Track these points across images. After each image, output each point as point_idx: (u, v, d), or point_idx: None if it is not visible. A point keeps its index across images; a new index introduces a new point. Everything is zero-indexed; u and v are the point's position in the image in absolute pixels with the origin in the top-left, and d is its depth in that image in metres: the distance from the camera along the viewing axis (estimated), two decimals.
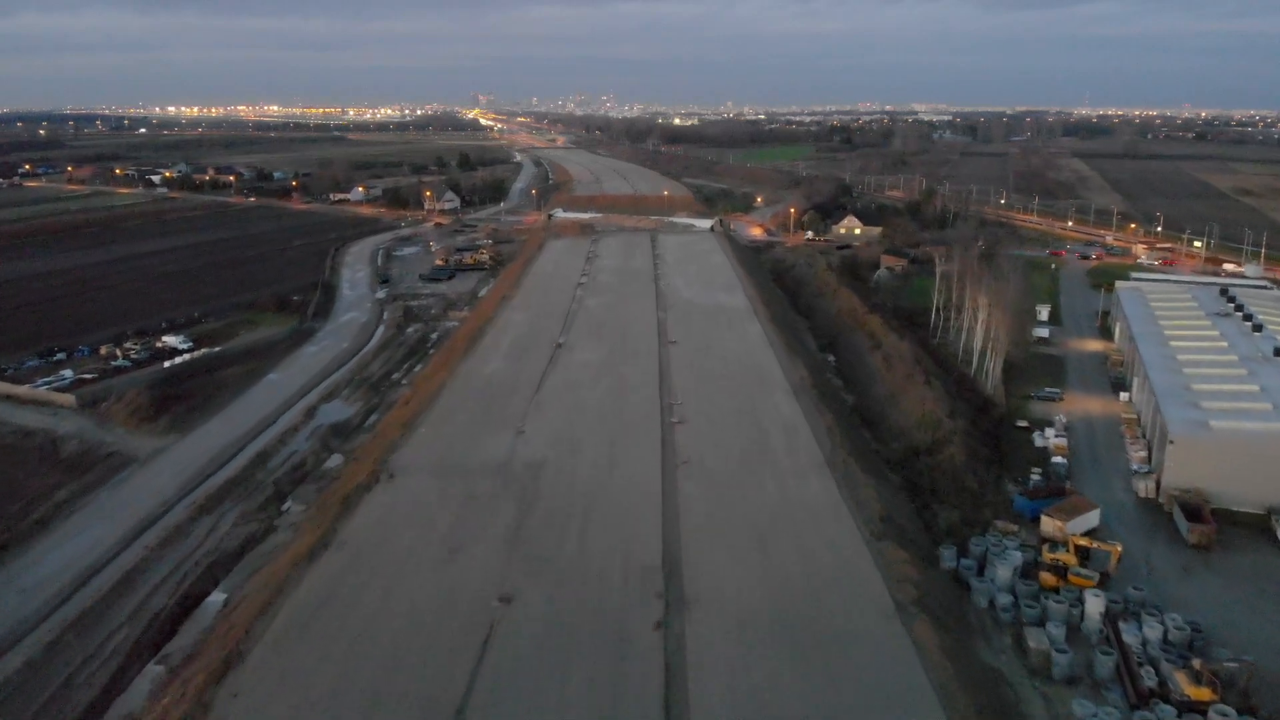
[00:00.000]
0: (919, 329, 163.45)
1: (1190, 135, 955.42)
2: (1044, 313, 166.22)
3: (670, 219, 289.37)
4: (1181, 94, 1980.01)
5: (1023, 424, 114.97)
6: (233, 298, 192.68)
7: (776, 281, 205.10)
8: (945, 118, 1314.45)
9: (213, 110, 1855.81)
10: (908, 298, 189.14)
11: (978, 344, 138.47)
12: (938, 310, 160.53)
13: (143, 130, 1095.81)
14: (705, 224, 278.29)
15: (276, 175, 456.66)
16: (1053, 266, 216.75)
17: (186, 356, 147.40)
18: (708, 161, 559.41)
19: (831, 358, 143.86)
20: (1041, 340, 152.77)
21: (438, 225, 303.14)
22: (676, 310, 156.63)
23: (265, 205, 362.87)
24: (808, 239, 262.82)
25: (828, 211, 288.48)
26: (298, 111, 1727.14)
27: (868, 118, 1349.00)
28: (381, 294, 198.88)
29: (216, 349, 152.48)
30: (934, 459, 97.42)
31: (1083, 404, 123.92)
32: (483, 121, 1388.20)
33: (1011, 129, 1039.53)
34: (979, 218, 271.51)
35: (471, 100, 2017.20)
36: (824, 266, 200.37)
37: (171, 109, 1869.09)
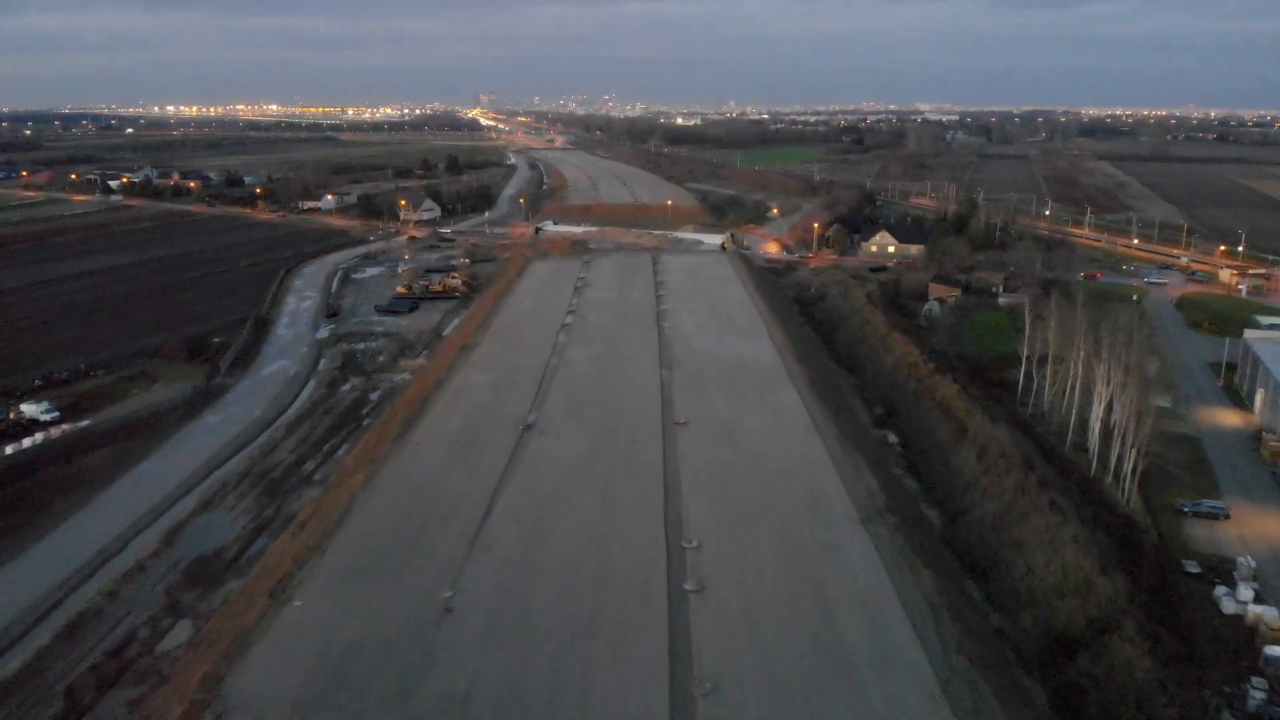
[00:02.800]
0: (996, 388, 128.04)
1: (1211, 136, 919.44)
2: (1152, 367, 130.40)
3: (675, 234, 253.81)
4: (1185, 94, 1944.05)
5: (1192, 568, 79.44)
6: (141, 339, 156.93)
7: (804, 316, 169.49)
8: (952, 117, 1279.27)
9: (211, 110, 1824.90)
10: (970, 340, 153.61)
11: (1092, 419, 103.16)
12: (1026, 367, 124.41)
13: (130, 130, 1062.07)
14: (714, 240, 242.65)
15: (247, 180, 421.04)
16: (1134, 298, 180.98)
17: (39, 436, 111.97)
18: (713, 164, 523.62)
19: (892, 436, 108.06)
20: (1162, 411, 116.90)
21: (411, 239, 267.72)
22: (686, 368, 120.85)
23: (226, 215, 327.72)
24: (834, 259, 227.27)
25: (854, 225, 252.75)
26: (296, 111, 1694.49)
27: (875, 118, 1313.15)
28: (324, 333, 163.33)
29: (84, 422, 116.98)
30: (1097, 660, 61.77)
31: (1256, 525, 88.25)
32: (482, 121, 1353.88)
33: (1025, 129, 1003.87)
34: (1032, 234, 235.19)
35: (473, 100, 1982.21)
36: (864, 299, 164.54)
37: (170, 108, 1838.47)
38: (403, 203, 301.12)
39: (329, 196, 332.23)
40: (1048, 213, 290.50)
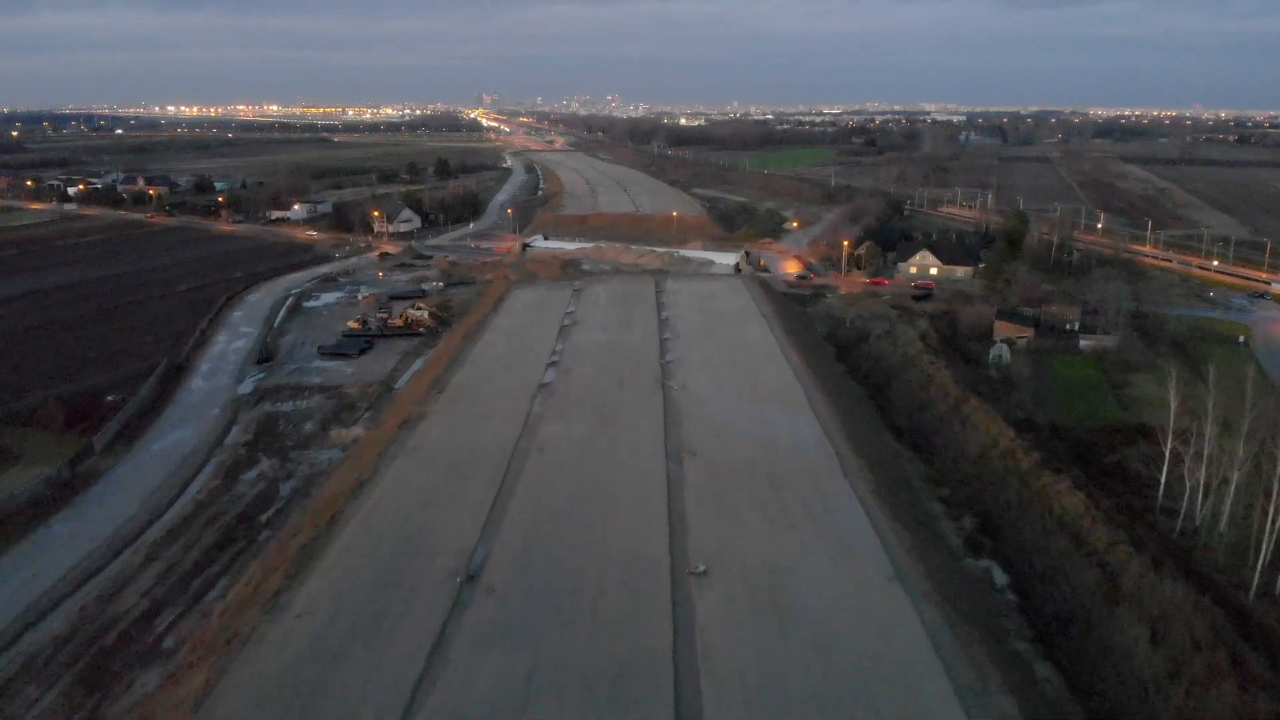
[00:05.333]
0: (1112, 479, 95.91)
1: (1232, 138, 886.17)
2: None
3: (681, 251, 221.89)
4: (1191, 94, 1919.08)
5: None
6: (20, 398, 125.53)
7: (843, 359, 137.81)
8: (960, 118, 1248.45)
9: (213, 110, 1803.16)
10: (1055, 399, 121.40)
11: None
12: (1170, 455, 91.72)
13: (119, 131, 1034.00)
14: (727, 260, 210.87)
15: (218, 185, 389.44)
16: (1241, 339, 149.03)
17: None
18: (720, 168, 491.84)
19: (998, 573, 76.01)
20: None
21: (382, 255, 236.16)
22: (702, 461, 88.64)
23: (186, 226, 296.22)
24: (867, 282, 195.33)
25: (887, 241, 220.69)
26: (297, 111, 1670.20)
27: (882, 118, 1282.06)
28: (249, 386, 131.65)
29: None
30: None
31: None
32: (483, 122, 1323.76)
33: (1040, 130, 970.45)
34: (1097, 255, 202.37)
35: (476, 100, 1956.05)
36: (918, 343, 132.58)
37: (171, 109, 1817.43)
38: (376, 213, 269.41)
39: (295, 206, 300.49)
40: (1100, 226, 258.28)
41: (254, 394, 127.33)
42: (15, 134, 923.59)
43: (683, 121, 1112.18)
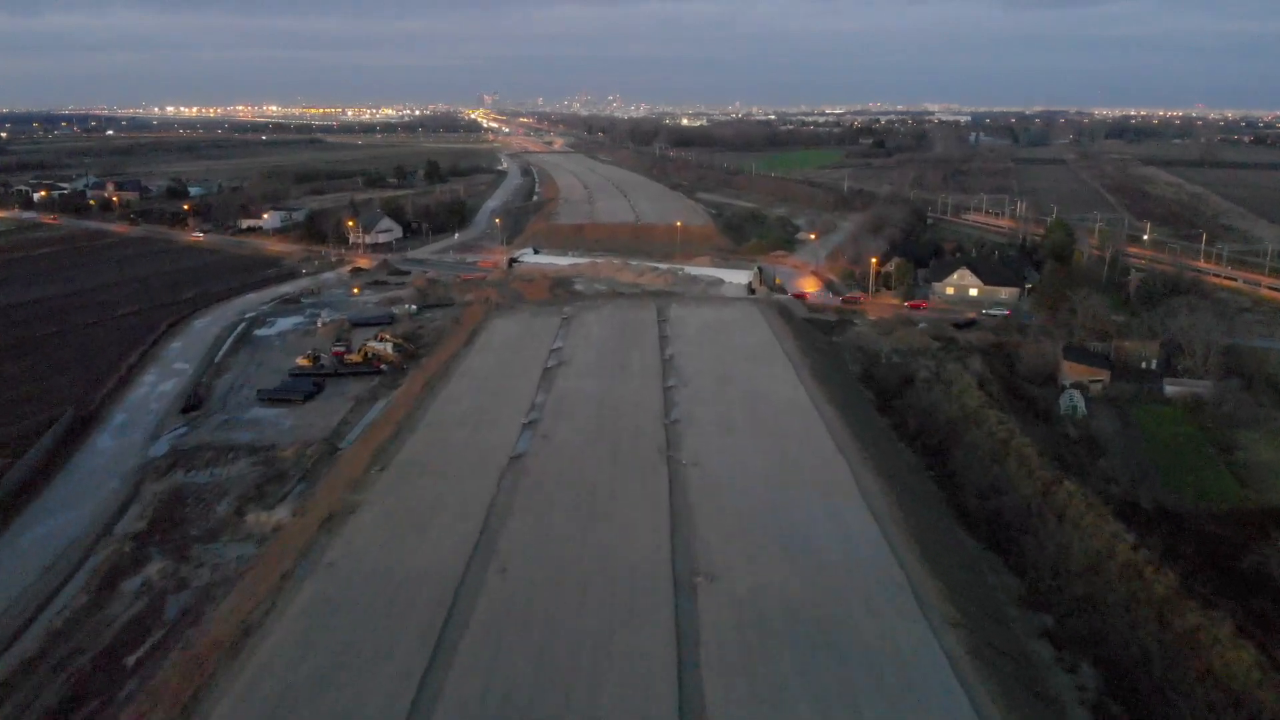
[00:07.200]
0: (1255, 593, 72.68)
1: (1248, 139, 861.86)
2: None
3: (687, 269, 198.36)
4: (1193, 94, 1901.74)
5: None
6: None
7: (883, 408, 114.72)
8: (965, 118, 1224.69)
9: (212, 110, 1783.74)
10: (1153, 468, 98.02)
11: None
12: None
13: (110, 133, 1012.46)
14: (738, 278, 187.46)
15: (192, 190, 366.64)
16: None
17: None
18: (724, 171, 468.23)
19: None
20: None
21: (355, 271, 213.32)
22: (722, 590, 64.88)
23: (149, 236, 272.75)
24: (898, 305, 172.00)
25: (918, 257, 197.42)
26: (296, 111, 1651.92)
27: (886, 118, 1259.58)
28: (164, 445, 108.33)
29: None
30: None
31: None
32: (482, 122, 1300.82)
33: (1051, 131, 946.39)
34: (1161, 276, 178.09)
35: (477, 100, 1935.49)
36: (977, 394, 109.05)
37: (171, 109, 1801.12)
38: (350, 223, 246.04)
39: (267, 214, 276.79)
40: (1146, 238, 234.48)
41: (167, 456, 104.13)
42: (4, 135, 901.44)
43: (685, 122, 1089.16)
